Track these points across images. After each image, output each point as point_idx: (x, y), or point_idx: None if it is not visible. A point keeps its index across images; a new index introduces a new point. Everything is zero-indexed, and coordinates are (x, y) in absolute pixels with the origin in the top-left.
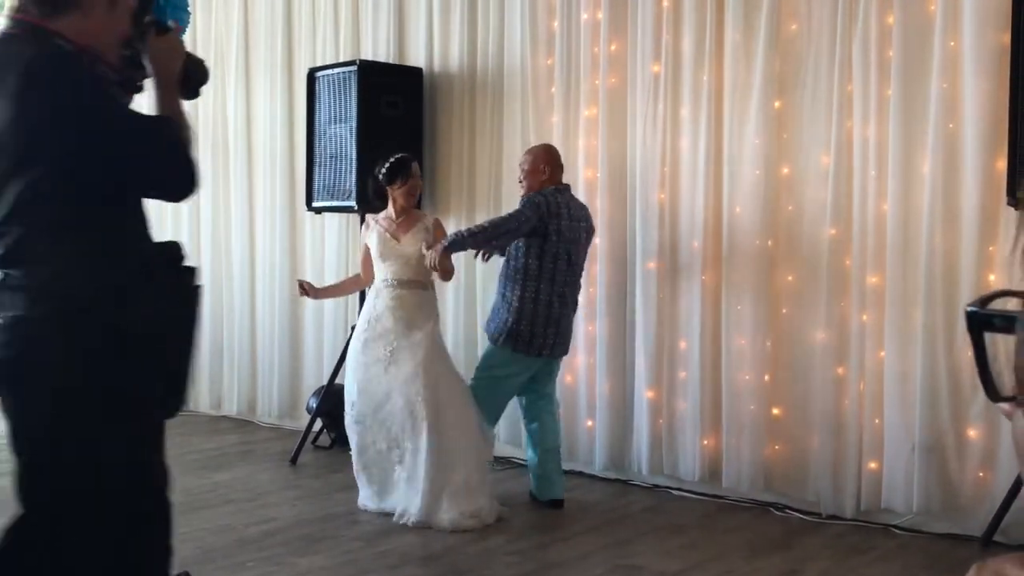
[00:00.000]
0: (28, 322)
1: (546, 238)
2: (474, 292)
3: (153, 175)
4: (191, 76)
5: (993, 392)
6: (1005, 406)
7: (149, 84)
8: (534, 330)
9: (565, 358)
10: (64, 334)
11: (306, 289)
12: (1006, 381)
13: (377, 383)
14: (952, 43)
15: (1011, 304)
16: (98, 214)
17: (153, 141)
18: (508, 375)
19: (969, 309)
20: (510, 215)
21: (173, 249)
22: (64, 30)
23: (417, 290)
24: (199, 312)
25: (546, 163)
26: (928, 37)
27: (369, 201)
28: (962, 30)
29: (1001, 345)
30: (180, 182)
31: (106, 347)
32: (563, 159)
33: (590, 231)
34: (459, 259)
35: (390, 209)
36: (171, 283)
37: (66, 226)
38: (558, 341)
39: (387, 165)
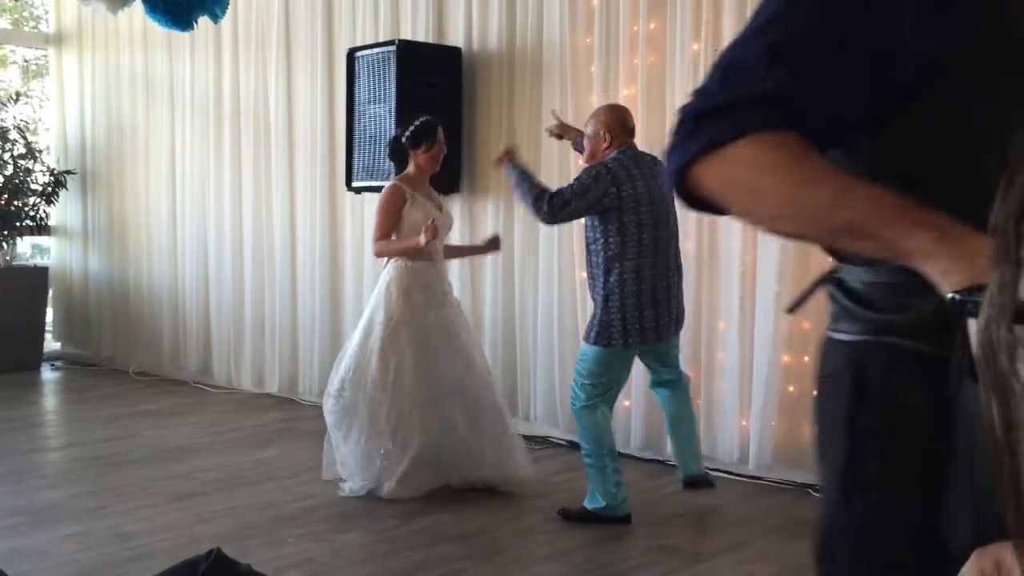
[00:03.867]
0: None
1: (622, 210)
2: (512, 266)
3: None
4: None
5: None
6: None
7: None
8: (627, 317)
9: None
10: None
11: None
12: None
13: (445, 355)
14: None
15: None
16: None
17: None
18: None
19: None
20: (565, 188)
21: None
22: None
23: (446, 261)
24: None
25: (608, 129)
26: None
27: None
28: None
29: None
30: None
31: None
32: None
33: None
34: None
35: (413, 178)
36: None
37: None
38: (661, 322)
39: (413, 127)
